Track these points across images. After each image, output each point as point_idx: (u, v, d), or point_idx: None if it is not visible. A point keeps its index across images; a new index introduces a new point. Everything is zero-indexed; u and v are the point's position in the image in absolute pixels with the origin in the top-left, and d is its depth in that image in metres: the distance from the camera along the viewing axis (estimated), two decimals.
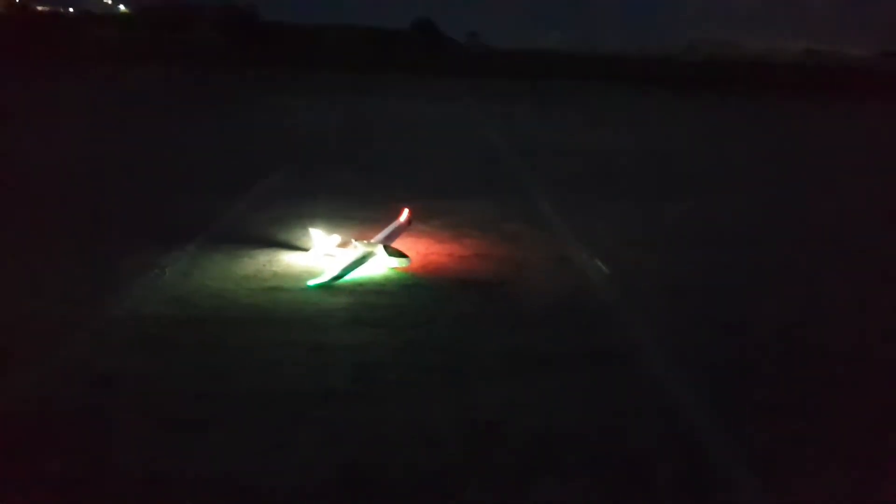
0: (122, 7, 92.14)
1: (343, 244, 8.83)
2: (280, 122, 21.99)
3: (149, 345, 6.14)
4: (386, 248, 8.14)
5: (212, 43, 62.89)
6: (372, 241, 8.59)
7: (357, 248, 8.26)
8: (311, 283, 7.62)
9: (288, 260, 8.60)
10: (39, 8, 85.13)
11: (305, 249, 8.92)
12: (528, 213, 11.45)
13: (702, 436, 5.00)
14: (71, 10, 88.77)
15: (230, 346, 6.14)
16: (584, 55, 74.23)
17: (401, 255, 8.20)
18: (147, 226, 10.09)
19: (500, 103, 31.75)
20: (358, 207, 11.36)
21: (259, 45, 60.77)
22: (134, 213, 10.83)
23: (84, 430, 4.85)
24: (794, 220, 11.97)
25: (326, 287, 7.60)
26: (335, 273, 7.73)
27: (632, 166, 16.43)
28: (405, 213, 9.35)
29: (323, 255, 8.58)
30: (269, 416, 5.06)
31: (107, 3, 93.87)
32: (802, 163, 17.95)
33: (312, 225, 9.25)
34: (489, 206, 11.57)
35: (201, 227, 9.96)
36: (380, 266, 8.16)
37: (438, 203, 11.67)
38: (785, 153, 19.04)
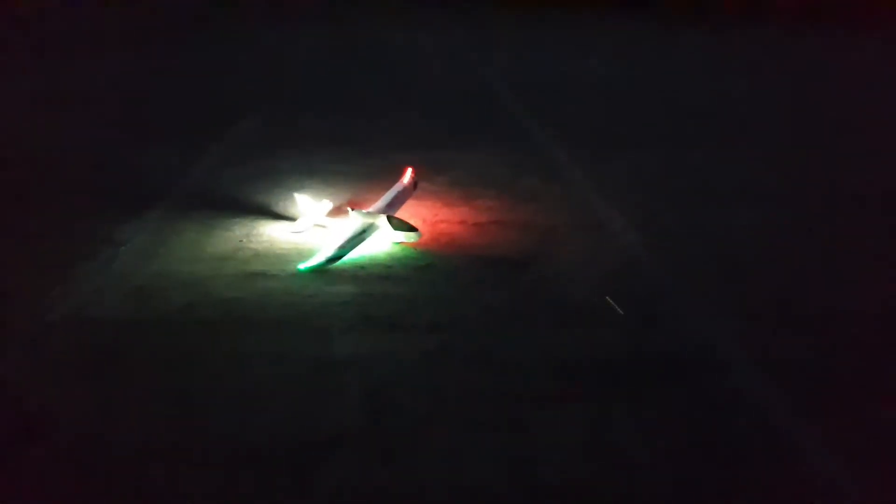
0: None
1: (336, 212, 7.40)
2: (250, 54, 19.94)
3: (90, 369, 4.72)
4: (390, 219, 6.72)
5: None
6: (371, 209, 7.15)
7: (354, 219, 6.82)
8: (302, 265, 6.22)
9: (271, 233, 7.14)
10: None
11: (291, 219, 7.46)
12: (541, 165, 10.03)
13: None
14: None
15: (200, 368, 4.74)
16: None
17: (408, 227, 6.79)
18: (97, 187, 8.51)
19: (489, 32, 29.66)
20: (344, 160, 9.85)
21: None
22: (79, 169, 9.20)
23: None
24: (829, 168, 10.57)
25: (321, 271, 6.20)
26: (331, 253, 6.33)
27: (639, 104, 14.89)
28: (409, 174, 7.86)
29: (312, 226, 7.15)
30: (248, 491, 3.70)
31: None
32: (821, 98, 16.49)
33: (297, 188, 7.77)
34: (497, 157, 10.11)
35: (164, 188, 8.43)
36: (383, 241, 6.75)
37: (438, 154, 10.19)
38: (797, 87, 17.55)
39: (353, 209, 7.03)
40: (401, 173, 8.24)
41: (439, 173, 9.26)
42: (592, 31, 30.94)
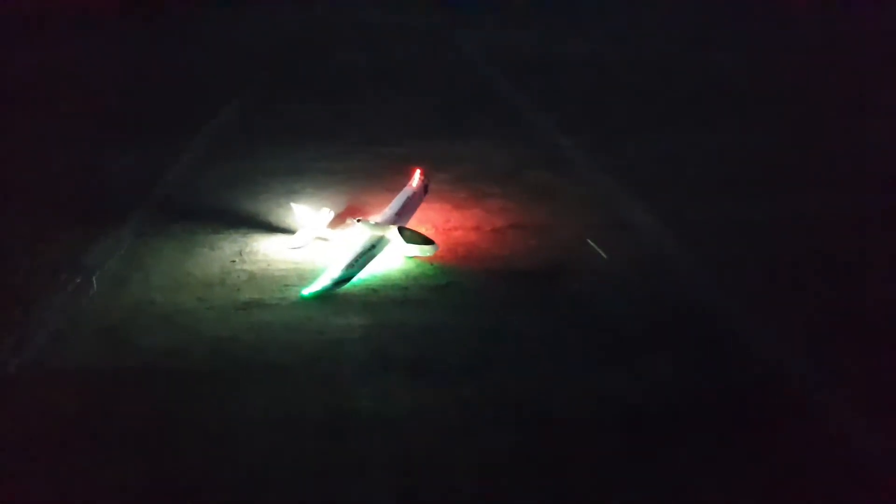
0: None
1: (338, 222, 6.56)
2: (222, 38, 18.65)
3: (51, 443, 3.85)
4: (402, 230, 5.89)
5: None
6: (378, 218, 6.32)
7: (362, 232, 5.98)
8: (305, 291, 5.38)
9: (265, 250, 6.28)
10: None
11: (287, 231, 6.59)
12: (546, 155, 9.21)
13: None
14: None
15: (188, 439, 3.90)
16: None
17: (423, 239, 5.97)
18: (60, 198, 7.53)
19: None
20: (334, 156, 8.94)
21: None
22: (39, 176, 8.19)
23: None
24: (851, 145, 9.83)
25: (327, 296, 5.38)
26: (337, 274, 5.49)
27: (639, 82, 13.89)
28: (417, 176, 7.01)
29: (312, 240, 6.32)
30: None
31: None
32: (831, 66, 15.48)
33: (286, 192, 6.91)
34: (497, 148, 9.28)
35: (138, 196, 7.49)
36: (395, 256, 5.93)
37: (433, 145, 9.35)
38: (809, 56, 16.52)
39: (359, 220, 6.19)
40: (403, 172, 7.38)
41: (440, 167, 8.40)
42: (586, 10, 29.72)
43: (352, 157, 8.92)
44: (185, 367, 4.55)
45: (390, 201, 6.79)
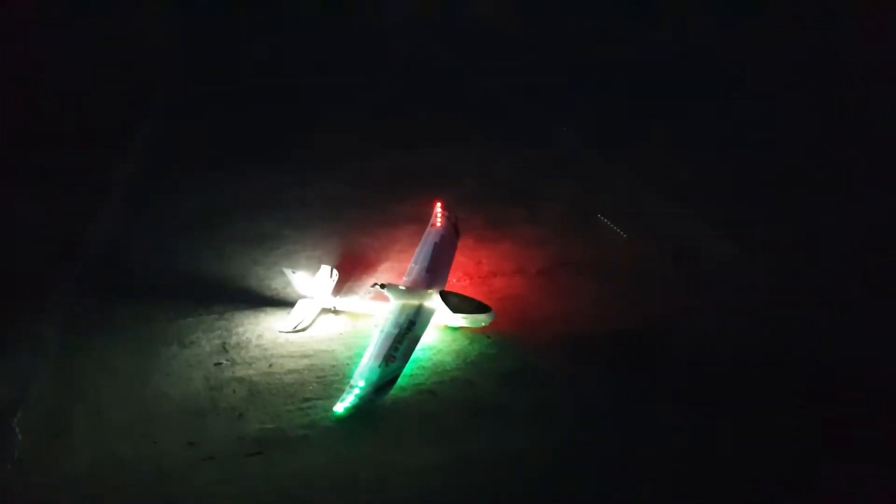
0: None
1: (343, 282, 4.98)
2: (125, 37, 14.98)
3: None
4: (445, 297, 4.40)
5: None
6: (408, 279, 4.78)
7: (392, 302, 4.46)
8: (338, 407, 3.82)
9: (254, 334, 4.65)
10: None
11: (275, 298, 4.93)
12: (545, 157, 7.90)
13: None
14: None
15: None
16: None
17: (475, 305, 4.57)
18: None
19: None
20: (301, 180, 7.19)
21: None
22: None
23: None
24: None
25: (367, 410, 3.83)
26: (374, 375, 3.93)
27: (607, 67, 11.80)
28: (439, 212, 5.47)
29: (316, 314, 4.73)
30: None
31: None
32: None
33: (252, 238, 5.26)
34: (493, 153, 7.86)
35: (54, 260, 5.56)
36: (440, 323, 4.49)
37: (430, 153, 7.78)
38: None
39: (383, 286, 4.60)
40: (416, 207, 5.71)
41: (443, 183, 6.87)
42: None
43: (323, 177, 7.23)
44: None
45: (410, 249, 5.22)
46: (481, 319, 4.60)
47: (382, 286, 4.63)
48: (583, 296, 5.13)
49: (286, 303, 4.88)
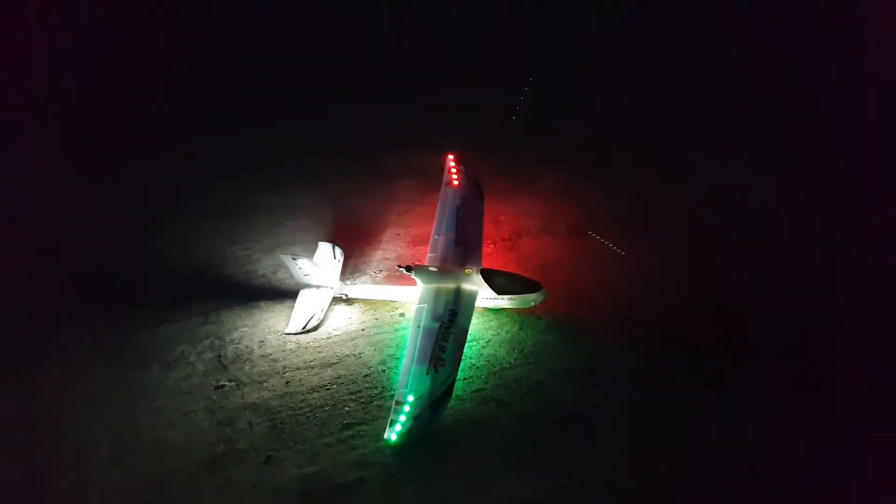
0: None
1: (353, 259, 4.14)
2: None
3: None
4: (488, 276, 3.66)
5: None
6: (435, 256, 3.98)
7: (426, 290, 3.67)
8: (390, 434, 3.05)
9: (255, 342, 3.74)
10: None
11: (280, 293, 4.05)
12: (537, 148, 6.88)
13: None
14: None
15: None
16: None
17: (523, 284, 3.85)
18: None
19: None
20: (262, 131, 6.07)
21: None
22: None
23: None
24: None
25: (424, 435, 3.12)
26: (424, 387, 3.21)
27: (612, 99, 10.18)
28: (452, 166, 4.61)
29: (326, 307, 3.89)
30: None
31: None
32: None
33: (236, 230, 4.29)
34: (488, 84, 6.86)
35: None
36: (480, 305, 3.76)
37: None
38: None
39: (409, 268, 3.77)
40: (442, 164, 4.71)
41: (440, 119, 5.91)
42: None
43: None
44: None
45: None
46: (531, 299, 3.88)
47: (409, 268, 3.80)
48: (631, 259, 4.44)
49: (282, 292, 3.96)
